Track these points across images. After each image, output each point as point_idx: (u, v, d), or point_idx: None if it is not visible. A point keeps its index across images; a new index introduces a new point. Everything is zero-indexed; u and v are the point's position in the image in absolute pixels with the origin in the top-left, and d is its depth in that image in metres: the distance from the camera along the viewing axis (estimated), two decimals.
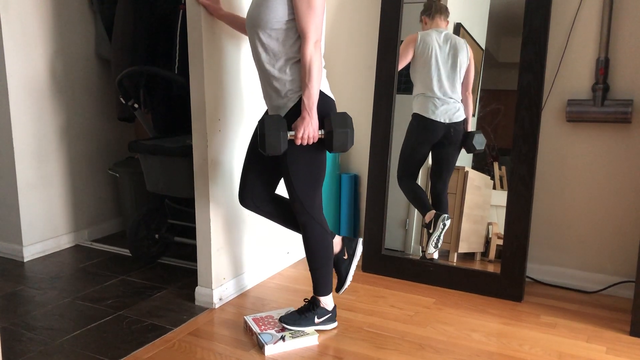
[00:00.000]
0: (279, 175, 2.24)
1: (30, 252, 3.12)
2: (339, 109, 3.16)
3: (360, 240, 2.35)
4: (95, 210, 3.49)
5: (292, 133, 1.97)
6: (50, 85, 3.13)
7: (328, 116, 1.99)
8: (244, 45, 2.49)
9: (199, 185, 2.39)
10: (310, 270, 2.20)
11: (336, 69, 3.15)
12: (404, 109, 2.81)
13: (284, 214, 2.27)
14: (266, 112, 2.18)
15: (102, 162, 3.50)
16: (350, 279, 2.32)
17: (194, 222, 2.64)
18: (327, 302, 2.23)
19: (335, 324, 2.27)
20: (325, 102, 2.03)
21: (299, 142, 1.97)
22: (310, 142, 1.98)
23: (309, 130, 1.95)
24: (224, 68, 2.39)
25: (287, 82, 1.99)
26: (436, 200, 2.76)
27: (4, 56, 2.88)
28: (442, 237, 2.74)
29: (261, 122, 1.95)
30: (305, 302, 2.26)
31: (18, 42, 2.94)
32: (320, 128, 1.99)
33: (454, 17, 2.69)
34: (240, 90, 2.50)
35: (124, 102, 3.01)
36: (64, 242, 3.32)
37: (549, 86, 2.62)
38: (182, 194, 2.79)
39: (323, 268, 2.18)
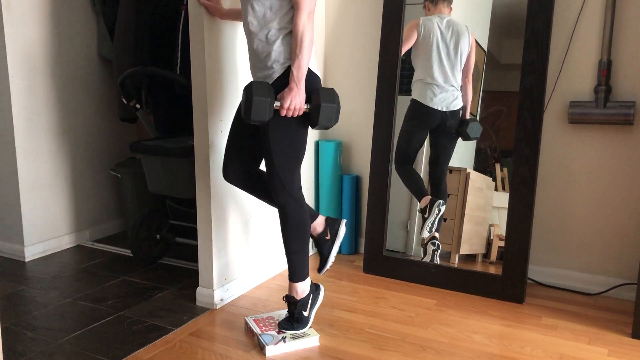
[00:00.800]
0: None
1: (32, 252, 3.13)
2: (341, 110, 3.16)
3: (344, 222, 2.31)
4: (96, 211, 3.49)
5: (278, 104, 1.94)
6: (52, 86, 3.14)
7: (315, 90, 1.97)
8: (246, 45, 2.48)
9: (201, 186, 2.39)
10: (286, 254, 2.13)
11: (338, 71, 3.15)
12: (405, 109, 2.81)
13: (268, 190, 2.23)
14: (251, 81, 2.12)
15: (104, 163, 3.51)
16: (332, 260, 2.28)
17: (195, 223, 2.64)
18: (304, 287, 2.17)
19: (322, 292, 2.24)
20: (312, 78, 2.01)
21: (284, 112, 1.93)
22: (296, 114, 1.95)
23: (296, 101, 1.92)
24: (226, 68, 2.39)
25: (274, 53, 1.97)
26: (435, 188, 2.76)
27: (6, 56, 2.88)
28: (436, 223, 2.73)
29: (247, 88, 1.91)
30: (284, 300, 2.20)
31: (20, 42, 2.95)
32: (306, 102, 1.97)
33: (456, 19, 2.69)
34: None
35: (125, 102, 3.01)
36: (66, 242, 3.32)
37: (551, 88, 2.61)
38: (184, 194, 2.79)
39: (300, 251, 2.12)
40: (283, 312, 2.33)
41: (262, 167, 2.31)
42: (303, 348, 2.12)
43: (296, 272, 2.15)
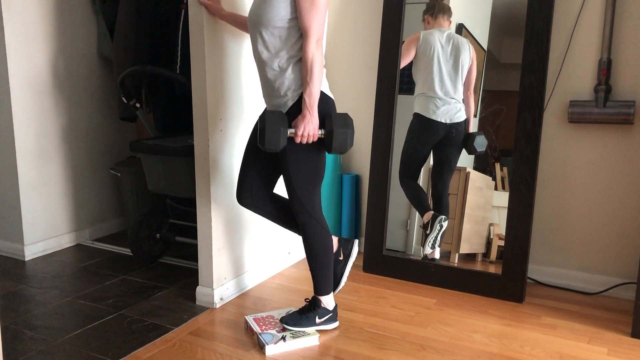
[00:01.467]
0: (277, 174, 2.24)
1: (32, 251, 3.13)
2: (341, 110, 3.16)
3: (356, 242, 2.35)
4: (96, 210, 3.49)
5: (292, 131, 1.97)
6: (52, 85, 3.13)
7: (329, 116, 1.99)
8: (246, 45, 2.49)
9: (200, 185, 2.39)
10: (310, 270, 2.19)
11: (338, 70, 3.15)
12: (406, 109, 2.81)
13: (283, 213, 2.26)
14: (265, 110, 2.17)
15: (104, 162, 3.51)
16: (345, 280, 2.32)
17: (195, 222, 2.64)
18: (328, 301, 2.22)
19: (336, 324, 2.27)
20: (325, 102, 2.03)
21: (298, 139, 1.96)
22: (310, 141, 1.98)
23: (309, 128, 1.95)
24: (226, 68, 2.39)
25: (287, 81, 1.99)
26: (437, 201, 2.76)
27: (6, 55, 2.88)
28: (439, 238, 2.73)
29: (262, 118, 1.94)
30: (306, 301, 2.25)
31: (20, 41, 2.94)
32: (320, 127, 1.99)
33: (456, 18, 2.69)
34: (242, 90, 2.50)
35: (125, 101, 3.01)
36: (65, 241, 3.32)
37: (551, 87, 2.62)
38: (184, 193, 2.79)
39: (324, 268, 2.17)
40: (283, 311, 2.33)
41: (276, 190, 2.32)
42: (303, 347, 2.12)
43: (320, 287, 2.21)
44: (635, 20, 2.44)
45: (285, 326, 2.18)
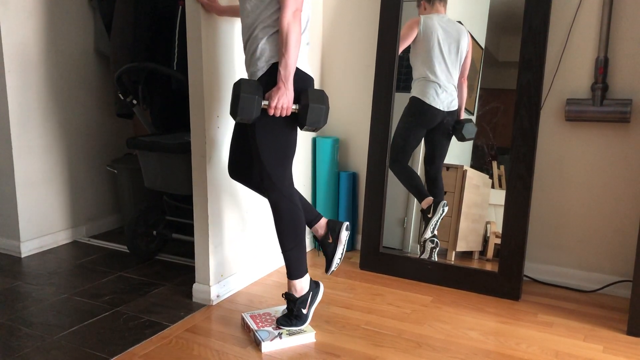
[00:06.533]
0: None
1: (28, 247, 3.12)
2: (339, 107, 3.16)
3: (345, 225, 2.28)
4: (93, 207, 3.49)
5: (266, 103, 1.94)
6: (49, 81, 3.13)
7: (305, 91, 1.97)
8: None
9: (197, 182, 2.39)
10: (282, 251, 2.13)
11: (336, 68, 3.15)
12: (403, 106, 2.81)
13: None
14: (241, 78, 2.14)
15: (101, 159, 3.50)
16: (337, 262, 2.27)
17: (192, 219, 2.64)
18: (303, 285, 2.17)
19: (321, 290, 2.24)
20: (302, 79, 2.01)
21: (272, 111, 1.93)
22: (284, 114, 1.95)
23: (283, 100, 1.92)
24: (223, 64, 2.39)
25: (259, 51, 1.98)
26: (432, 186, 2.75)
27: (2, 52, 2.87)
28: (439, 223, 2.73)
29: (236, 85, 1.91)
30: (284, 297, 2.20)
31: (17, 38, 2.93)
32: (295, 103, 1.97)
33: (453, 16, 2.69)
34: None
35: (122, 98, 3.01)
36: (62, 238, 3.31)
37: (548, 85, 2.62)
38: (180, 190, 2.79)
39: (296, 248, 2.12)
40: (280, 308, 2.33)
41: None
42: (299, 344, 2.12)
43: (293, 270, 2.14)
44: (632, 19, 2.44)
45: (282, 327, 2.17)
